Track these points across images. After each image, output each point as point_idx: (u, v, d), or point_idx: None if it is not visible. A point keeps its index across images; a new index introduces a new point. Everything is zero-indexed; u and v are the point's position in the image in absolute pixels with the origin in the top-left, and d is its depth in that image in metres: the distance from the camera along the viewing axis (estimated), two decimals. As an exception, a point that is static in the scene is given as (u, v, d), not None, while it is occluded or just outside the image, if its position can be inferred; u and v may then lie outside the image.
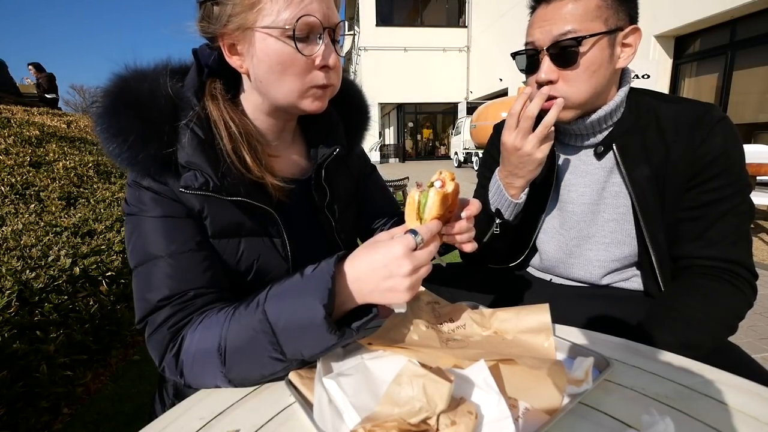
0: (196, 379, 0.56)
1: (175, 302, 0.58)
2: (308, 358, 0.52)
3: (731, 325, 0.72)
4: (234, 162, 0.63)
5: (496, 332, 0.59)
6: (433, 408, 0.39)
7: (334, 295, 0.49)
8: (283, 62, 0.59)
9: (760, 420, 0.43)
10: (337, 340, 0.49)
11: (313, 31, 0.59)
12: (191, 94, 0.63)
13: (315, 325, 0.48)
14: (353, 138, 0.82)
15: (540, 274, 1.02)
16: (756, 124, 6.41)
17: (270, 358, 0.51)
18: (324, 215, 0.77)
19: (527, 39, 0.79)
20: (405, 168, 14.68)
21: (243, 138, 0.64)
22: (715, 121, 0.74)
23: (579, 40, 0.71)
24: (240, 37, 0.59)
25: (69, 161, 3.23)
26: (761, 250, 3.28)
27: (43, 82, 8.18)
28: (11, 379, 1.23)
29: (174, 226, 0.61)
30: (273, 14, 0.57)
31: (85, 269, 1.77)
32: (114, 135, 0.58)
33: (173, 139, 0.60)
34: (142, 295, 0.59)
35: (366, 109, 0.85)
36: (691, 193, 0.76)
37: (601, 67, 0.74)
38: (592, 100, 0.77)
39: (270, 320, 0.51)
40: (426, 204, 0.55)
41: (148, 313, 0.58)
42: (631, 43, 0.76)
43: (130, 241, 0.62)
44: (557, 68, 0.75)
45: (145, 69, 0.63)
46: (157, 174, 0.60)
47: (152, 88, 0.60)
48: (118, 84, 0.60)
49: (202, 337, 0.55)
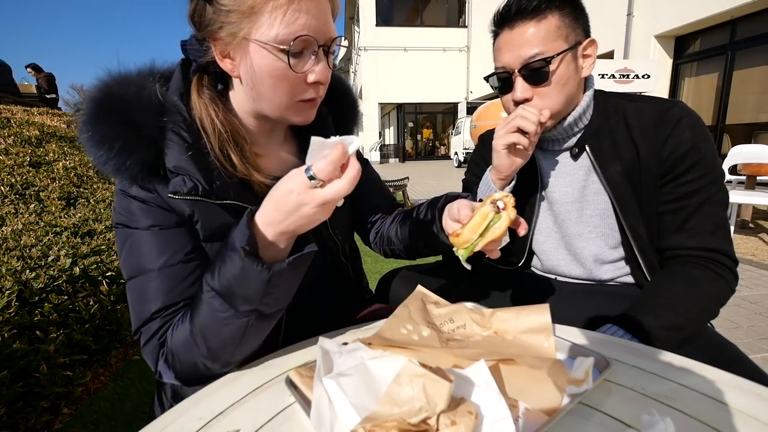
0: (186, 373, 0.58)
1: (166, 314, 0.59)
2: (261, 306, 0.54)
3: (713, 310, 0.76)
4: (221, 160, 0.62)
5: (496, 332, 0.59)
6: (433, 408, 0.39)
7: (253, 238, 0.53)
8: (274, 76, 0.58)
9: (760, 420, 0.43)
10: (268, 274, 0.52)
11: (307, 48, 0.58)
12: (176, 98, 0.62)
13: (241, 268, 0.51)
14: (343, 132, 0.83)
15: (544, 273, 1.04)
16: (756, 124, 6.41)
17: (224, 318, 0.54)
18: None
19: (497, 63, 0.85)
20: (405, 168, 14.68)
21: (229, 136, 0.64)
22: (677, 119, 0.79)
23: (548, 60, 0.77)
24: (233, 44, 0.58)
25: (69, 161, 3.23)
26: (761, 250, 3.28)
27: (42, 82, 8.17)
28: (11, 379, 1.23)
29: (163, 238, 0.61)
30: (269, 28, 0.55)
31: (85, 269, 1.77)
32: (99, 142, 0.57)
33: (160, 143, 0.59)
34: (136, 308, 0.60)
35: (354, 103, 0.85)
36: (667, 187, 0.81)
37: (570, 80, 0.80)
38: (565, 108, 0.83)
39: (212, 286, 0.54)
40: (495, 225, 0.59)
41: (142, 324, 0.60)
42: (590, 54, 0.83)
43: (122, 253, 0.62)
44: (531, 86, 0.81)
45: (130, 73, 0.62)
46: (145, 180, 0.60)
47: (137, 92, 0.60)
48: (102, 89, 0.59)
49: (177, 332, 0.58)
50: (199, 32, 0.61)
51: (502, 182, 0.90)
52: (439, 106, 19.64)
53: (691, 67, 7.54)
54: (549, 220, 0.98)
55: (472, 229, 0.59)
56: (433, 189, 8.29)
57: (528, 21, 0.78)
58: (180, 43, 0.64)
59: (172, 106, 0.62)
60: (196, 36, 0.62)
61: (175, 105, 0.62)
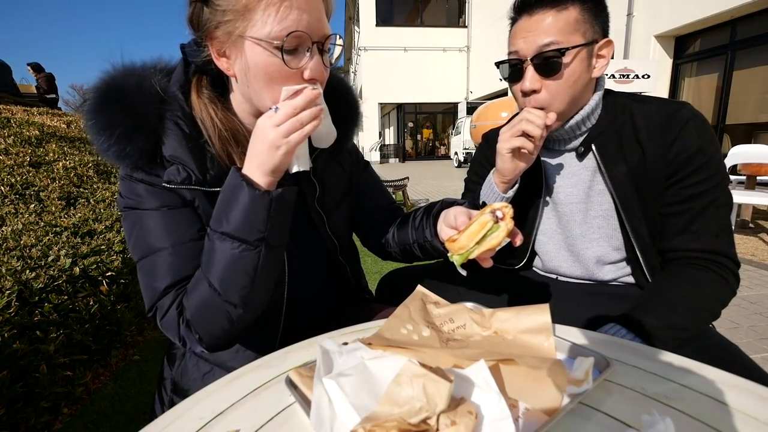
0: (209, 330, 0.61)
1: (179, 287, 0.63)
2: (268, 233, 0.59)
3: (715, 311, 0.77)
4: (222, 158, 0.66)
5: (497, 332, 0.59)
6: (433, 408, 0.39)
7: (244, 175, 0.59)
8: (269, 72, 0.60)
9: (760, 420, 0.43)
10: (269, 198, 0.58)
11: (301, 44, 0.60)
12: (177, 89, 0.65)
13: (250, 199, 0.57)
14: (344, 133, 0.83)
15: (545, 273, 1.03)
16: (756, 124, 6.41)
17: (240, 253, 0.59)
18: (315, 210, 0.79)
19: (510, 48, 0.83)
20: (405, 168, 14.68)
21: (230, 135, 0.66)
22: (684, 121, 0.78)
23: (562, 51, 0.76)
24: (229, 42, 0.60)
25: (69, 161, 3.23)
26: (761, 250, 3.28)
27: (42, 82, 8.16)
28: (11, 379, 1.23)
29: (172, 217, 0.64)
30: (263, 25, 0.57)
31: (85, 269, 1.77)
32: (102, 129, 0.60)
33: (159, 132, 0.63)
34: (148, 284, 0.63)
35: (355, 104, 0.86)
36: (672, 189, 0.80)
37: (580, 77, 0.79)
38: (571, 107, 0.83)
39: (219, 230, 0.59)
40: (492, 235, 0.59)
41: (155, 300, 0.63)
42: (604, 55, 0.81)
43: (132, 236, 0.65)
44: (541, 78, 0.79)
45: (133, 66, 0.65)
46: (147, 166, 0.63)
47: (138, 83, 0.62)
48: (105, 80, 0.62)
49: (193, 294, 0.61)
50: (196, 33, 0.63)
51: (506, 185, 0.90)
52: (439, 106, 19.64)
53: (691, 67, 7.54)
54: (552, 220, 0.97)
55: (470, 237, 0.60)
56: (433, 189, 8.29)
57: (548, 9, 0.76)
58: (179, 45, 0.67)
59: (172, 96, 0.64)
60: (194, 38, 0.64)
61: (174, 96, 0.64)
